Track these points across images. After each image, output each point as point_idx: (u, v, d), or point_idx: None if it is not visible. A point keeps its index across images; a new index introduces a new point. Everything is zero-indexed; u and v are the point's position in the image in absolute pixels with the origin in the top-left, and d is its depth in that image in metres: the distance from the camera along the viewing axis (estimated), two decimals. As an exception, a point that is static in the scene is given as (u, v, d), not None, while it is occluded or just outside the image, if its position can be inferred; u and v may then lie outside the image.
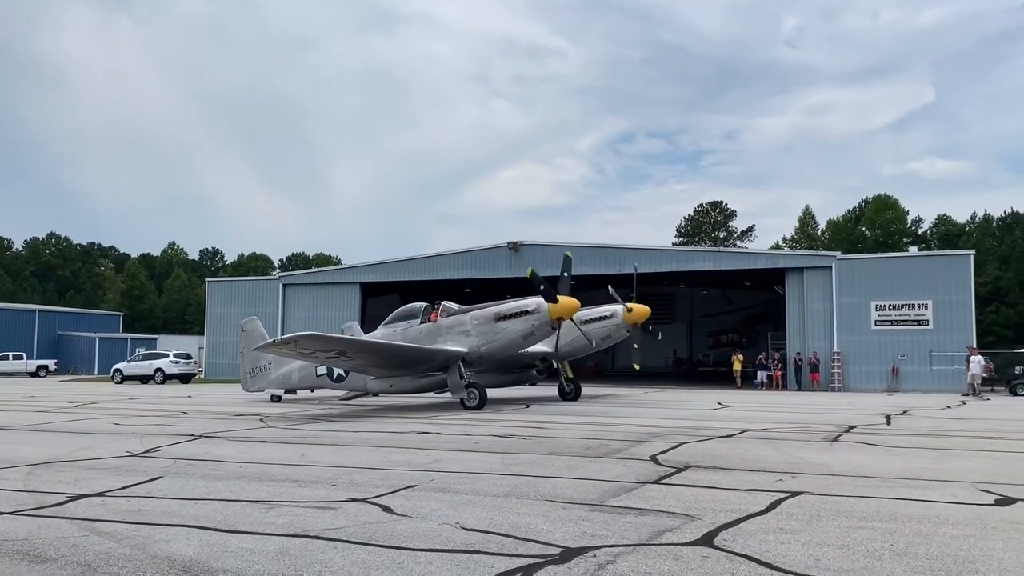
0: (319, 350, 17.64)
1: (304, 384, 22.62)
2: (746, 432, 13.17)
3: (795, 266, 37.60)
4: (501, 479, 7.84)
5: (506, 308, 19.12)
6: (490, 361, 20.11)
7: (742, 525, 5.65)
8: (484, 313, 19.28)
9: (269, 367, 23.35)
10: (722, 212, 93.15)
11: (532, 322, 18.86)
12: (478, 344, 19.01)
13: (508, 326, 18.93)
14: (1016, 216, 77.90)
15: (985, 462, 9.41)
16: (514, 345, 19.36)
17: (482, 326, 19.08)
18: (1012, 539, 5.19)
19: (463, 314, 19.54)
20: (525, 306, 18.98)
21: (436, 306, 20.15)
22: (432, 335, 19.50)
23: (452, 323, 19.43)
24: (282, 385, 23.06)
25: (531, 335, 19.11)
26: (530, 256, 41.85)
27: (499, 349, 19.23)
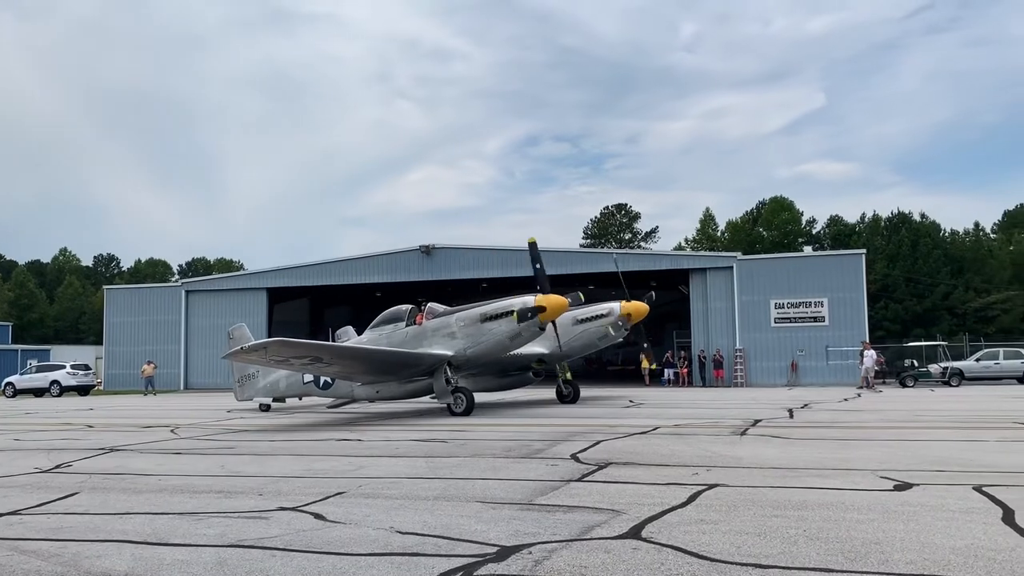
0: (292, 357, 16.82)
1: (292, 392, 22.02)
2: (659, 428, 13.63)
3: (698, 267, 38.88)
4: (429, 483, 7.94)
5: (491, 309, 18.37)
6: (478, 364, 19.40)
7: (666, 517, 5.92)
8: (470, 314, 18.53)
9: (257, 375, 22.66)
10: (627, 214, 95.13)
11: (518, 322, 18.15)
12: (464, 347, 18.30)
13: (494, 327, 18.15)
14: (902, 216, 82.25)
15: (882, 451, 10.04)
16: (501, 347, 18.62)
17: (468, 328, 18.36)
18: (912, 521, 5.61)
19: (449, 316, 18.83)
20: (510, 306, 18.19)
21: (422, 308, 19.48)
22: (417, 338, 18.80)
23: (438, 325, 18.73)
24: (270, 393, 22.38)
25: (518, 336, 18.29)
26: (443, 259, 41.96)
27: (486, 351, 18.51)
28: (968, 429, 12.94)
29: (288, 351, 16.25)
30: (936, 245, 69.45)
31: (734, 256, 40.75)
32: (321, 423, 17.12)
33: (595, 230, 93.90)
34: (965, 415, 16.19)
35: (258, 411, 21.93)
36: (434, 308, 19.22)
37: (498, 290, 52.64)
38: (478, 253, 43.07)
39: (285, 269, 46.41)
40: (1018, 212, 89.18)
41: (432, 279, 43.31)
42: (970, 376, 33.64)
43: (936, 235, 74.04)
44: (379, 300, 54.86)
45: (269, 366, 18.95)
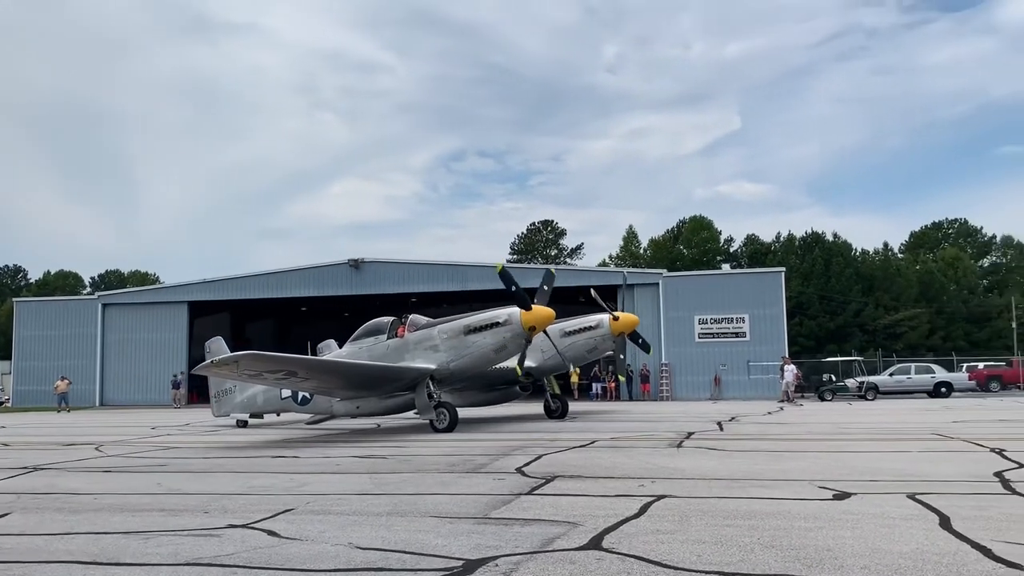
0: (266, 371, 16.03)
1: (269, 407, 21.24)
2: (596, 441, 13.81)
3: (626, 283, 39.43)
4: (378, 499, 7.88)
5: (475, 320, 17.74)
6: (462, 378, 18.73)
7: (622, 528, 6.02)
8: (453, 326, 17.87)
9: (234, 391, 21.77)
10: (553, 230, 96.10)
11: (503, 334, 17.40)
12: (447, 360, 17.61)
13: (478, 339, 17.51)
14: (816, 236, 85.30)
15: (815, 462, 10.39)
16: (486, 360, 17.95)
17: (451, 340, 17.69)
18: (857, 528, 5.85)
19: (432, 328, 18.15)
20: (495, 317, 17.53)
21: (403, 320, 18.79)
22: (399, 351, 18.14)
23: (420, 338, 18.07)
24: (247, 409, 21.49)
25: (503, 348, 17.61)
26: (371, 273, 41.62)
27: (470, 365, 17.83)
28: (891, 440, 13.49)
29: (261, 365, 15.55)
30: (848, 264, 72.21)
31: (660, 273, 41.62)
32: (256, 442, 16.76)
33: (522, 246, 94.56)
34: (886, 427, 16.86)
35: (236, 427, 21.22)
36: (416, 320, 18.59)
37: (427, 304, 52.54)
38: (407, 267, 42.92)
39: (207, 282, 45.32)
40: (923, 233, 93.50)
41: (360, 293, 42.92)
42: (884, 390, 35.03)
43: (848, 254, 76.96)
44: (305, 315, 54.20)
45: (242, 380, 18.11)
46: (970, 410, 23.64)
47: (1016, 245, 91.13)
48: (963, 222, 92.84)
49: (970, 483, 8.09)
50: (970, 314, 73.34)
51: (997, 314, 72.00)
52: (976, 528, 5.68)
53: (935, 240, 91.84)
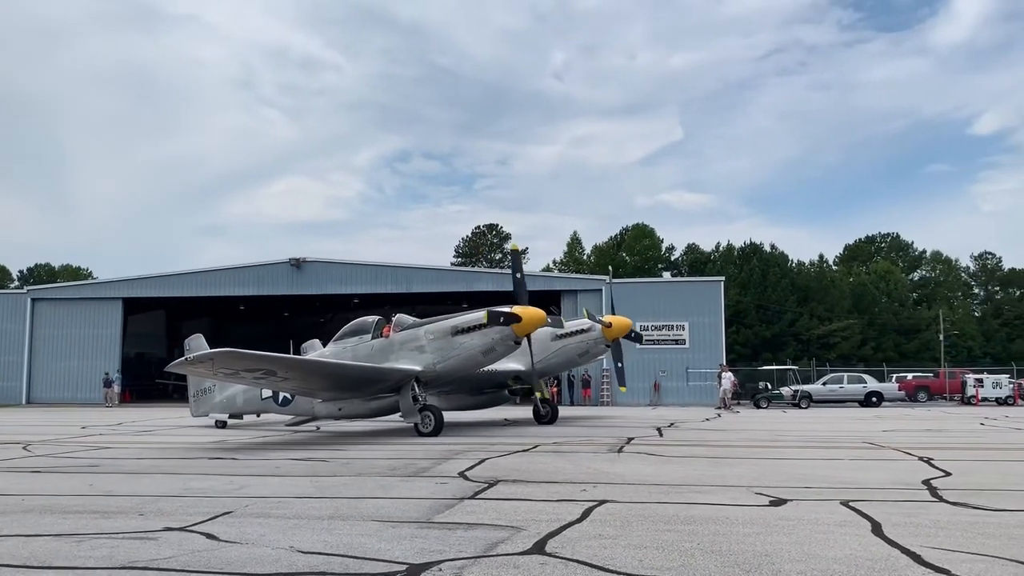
0: (243, 369, 15.34)
1: (249, 408, 20.55)
2: (539, 446, 13.88)
3: (570, 288, 39.85)
4: (319, 502, 7.79)
5: (463, 321, 17.15)
6: (449, 381, 18.15)
7: (565, 533, 6.07)
8: (440, 327, 17.32)
9: (213, 390, 21.03)
10: (498, 234, 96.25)
11: (492, 336, 16.78)
12: (434, 361, 17.03)
13: (466, 341, 16.92)
14: (754, 247, 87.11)
15: (752, 468, 10.60)
16: (473, 362, 17.32)
17: (438, 341, 17.11)
18: (793, 533, 5.99)
19: (418, 328, 17.60)
20: (482, 318, 16.94)
21: (389, 319, 18.21)
22: (384, 352, 17.53)
23: (406, 338, 17.50)
24: (226, 409, 20.76)
25: (491, 351, 17.01)
26: (313, 273, 41.13)
27: (457, 367, 17.25)
28: (825, 448, 13.84)
29: (238, 363, 14.90)
30: (784, 275, 73.88)
31: (603, 279, 41.99)
32: (193, 444, 16.42)
33: (466, 249, 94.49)
34: (820, 435, 17.28)
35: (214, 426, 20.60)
36: (402, 320, 18.07)
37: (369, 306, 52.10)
38: (350, 268, 42.54)
39: (143, 279, 44.22)
40: (857, 247, 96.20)
41: (301, 293, 42.42)
42: (818, 399, 35.92)
43: (784, 265, 78.74)
44: (243, 314, 53.33)
45: (218, 379, 17.45)
46: (899, 419, 24.39)
47: (944, 260, 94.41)
48: (895, 237, 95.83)
49: (900, 490, 8.35)
50: (900, 326, 75.66)
51: (926, 326, 74.40)
52: (906, 534, 5.87)
53: (868, 253, 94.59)
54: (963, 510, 7.05)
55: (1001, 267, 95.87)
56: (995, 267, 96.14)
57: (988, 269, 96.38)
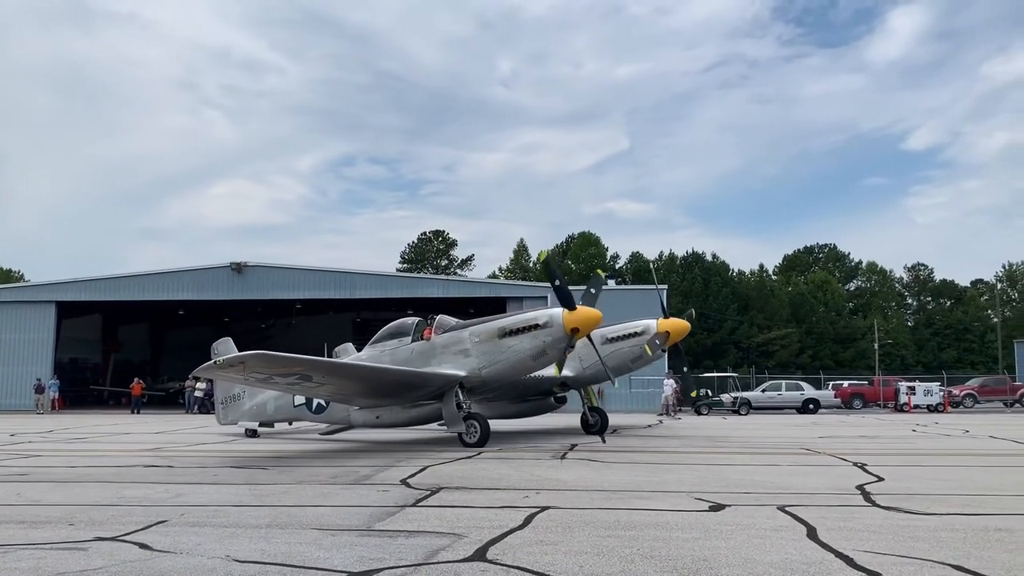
0: (276, 374, 14.22)
1: (281, 416, 19.49)
2: (483, 453, 13.86)
3: (515, 295, 39.87)
4: (258, 510, 7.66)
5: (512, 322, 16.04)
6: (495, 387, 17.02)
7: (507, 539, 6.06)
8: (486, 328, 16.15)
9: (242, 397, 19.96)
10: (444, 241, 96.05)
11: (543, 338, 15.58)
12: (479, 366, 15.89)
13: (515, 343, 15.73)
14: (696, 256, 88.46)
15: (692, 474, 10.74)
16: (522, 367, 16.20)
17: (483, 344, 15.95)
18: (731, 538, 6.08)
19: (462, 330, 16.45)
20: (535, 319, 15.81)
21: (430, 321, 17.06)
22: (425, 356, 16.41)
23: (448, 341, 16.35)
24: (256, 417, 19.65)
25: (543, 355, 15.83)
26: (254, 278, 40.48)
27: (505, 372, 16.10)
28: (763, 454, 14.08)
29: (271, 367, 13.79)
30: (725, 284, 75.26)
31: (548, 286, 42.10)
32: (128, 451, 16.00)
33: (412, 255, 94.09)
34: (759, 441, 17.58)
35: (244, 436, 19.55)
36: (445, 321, 16.94)
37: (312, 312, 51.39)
38: (292, 273, 41.97)
39: (77, 282, 42.97)
40: (795, 257, 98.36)
41: (242, 298, 41.69)
42: (757, 406, 36.59)
43: (725, 275, 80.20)
44: (182, 319, 52.21)
45: (248, 384, 16.33)
46: (835, 426, 24.96)
47: (879, 271, 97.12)
48: (832, 247, 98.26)
49: (835, 495, 8.54)
50: (837, 335, 77.61)
51: (861, 335, 76.46)
52: (840, 538, 6.00)
53: (806, 264, 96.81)
54: (894, 514, 7.24)
55: (933, 278, 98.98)
56: (927, 278, 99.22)
57: (921, 280, 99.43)
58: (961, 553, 5.46)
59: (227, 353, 18.79)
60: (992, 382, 47.94)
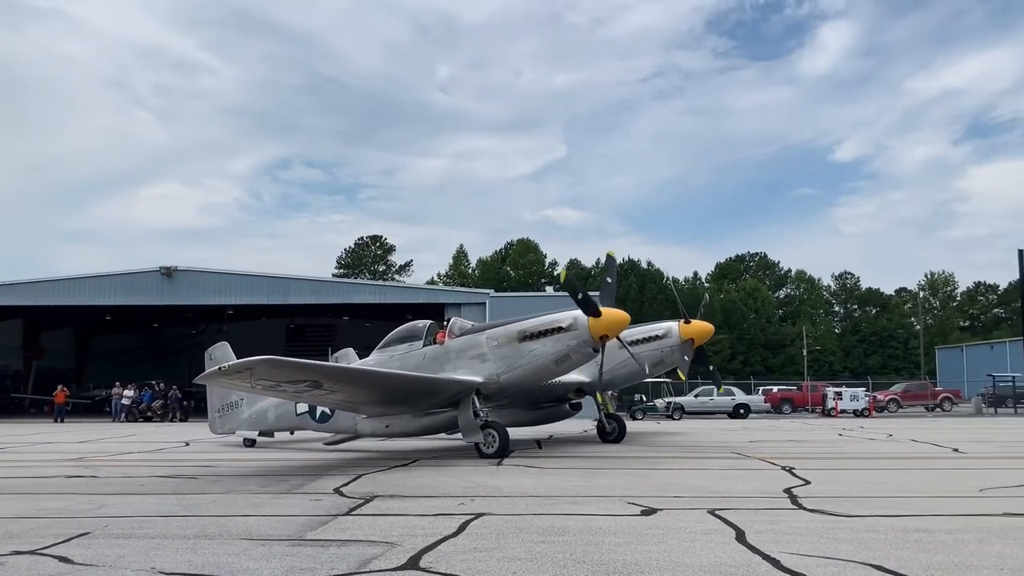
0: (285, 381, 13.36)
1: (282, 425, 18.58)
2: (419, 460, 13.79)
3: (453, 302, 39.77)
4: (185, 521, 7.48)
5: (533, 325, 15.19)
6: (513, 393, 16.15)
7: (440, 547, 6.04)
8: (505, 332, 15.36)
9: (240, 404, 19.04)
10: (382, 246, 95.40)
11: (567, 342, 14.82)
12: (497, 371, 15.06)
13: (536, 348, 14.95)
14: (631, 263, 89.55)
15: (626, 479, 10.86)
16: (544, 372, 15.42)
17: (502, 348, 15.12)
18: (663, 542, 6.17)
19: (478, 334, 15.63)
20: (558, 321, 15.00)
21: (444, 324, 16.29)
22: (439, 361, 15.55)
23: (464, 345, 15.51)
24: (256, 426, 18.73)
25: (566, 359, 15.09)
26: (185, 283, 39.55)
27: (525, 377, 15.27)
28: (696, 459, 14.33)
29: (280, 373, 13.01)
30: (660, 291, 76.40)
31: (487, 293, 42.21)
32: (47, 460, 15.44)
33: (349, 260, 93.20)
34: (691, 446, 17.86)
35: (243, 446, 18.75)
36: (459, 324, 16.23)
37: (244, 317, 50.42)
38: (224, 277, 41.14)
39: (-2, 285, 41.39)
40: (728, 265, 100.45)
41: (172, 303, 40.72)
42: (690, 410, 37.26)
43: (660, 282, 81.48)
44: (110, 324, 50.76)
45: (255, 392, 15.49)
46: (765, 430, 25.52)
47: (808, 279, 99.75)
48: (763, 256, 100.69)
49: (764, 499, 8.72)
50: (767, 341, 79.41)
51: (790, 342, 78.38)
52: (767, 541, 6.13)
53: (738, 271, 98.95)
54: (820, 516, 7.43)
55: (859, 286, 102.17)
56: (854, 286, 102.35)
57: (847, 288, 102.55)
58: (882, 554, 5.63)
59: (224, 358, 18.21)
60: (915, 387, 49.67)
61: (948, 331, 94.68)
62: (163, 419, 37.33)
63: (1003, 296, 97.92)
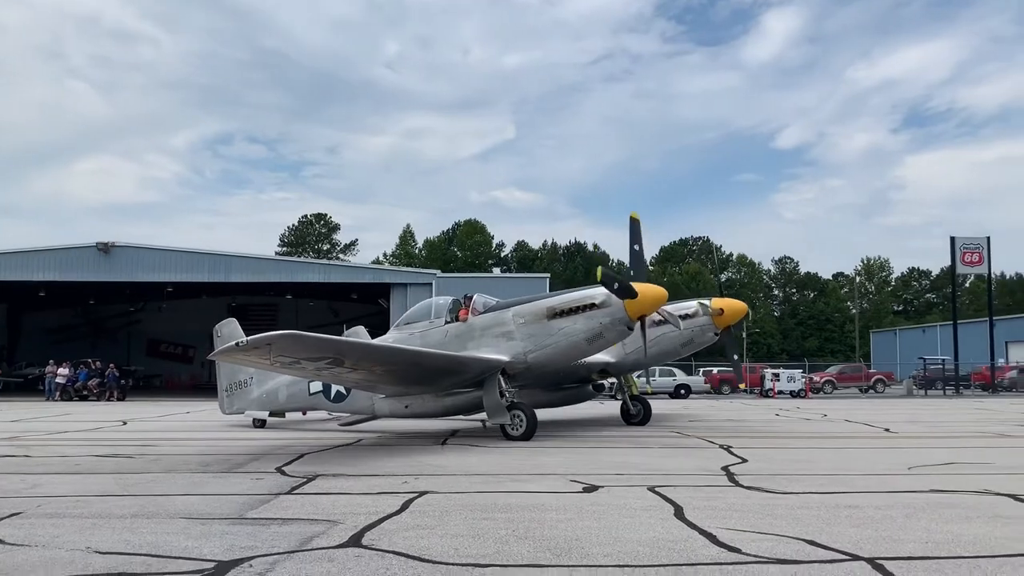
0: (305, 357, 12.49)
1: (294, 404, 17.77)
2: (363, 440, 13.78)
3: (399, 282, 39.59)
4: (123, 500, 7.35)
5: (563, 301, 14.44)
6: (540, 373, 15.49)
7: (383, 525, 6.05)
8: (532, 308, 14.60)
9: (250, 383, 18.14)
10: (326, 225, 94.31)
11: (600, 320, 14.01)
12: (525, 350, 14.34)
13: (567, 326, 14.20)
14: (578, 245, 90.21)
15: (568, 457, 10.99)
16: (575, 351, 14.64)
17: (530, 326, 14.39)
18: (603, 518, 6.28)
19: (503, 310, 14.86)
20: (590, 298, 14.21)
21: (466, 301, 15.51)
22: (462, 339, 14.86)
23: (488, 322, 14.78)
24: (266, 406, 18.02)
25: (599, 338, 14.28)
26: (123, 259, 38.58)
27: (554, 357, 14.57)
28: (636, 437, 14.54)
29: (301, 349, 12.15)
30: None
31: (433, 273, 42.07)
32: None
33: (292, 238, 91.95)
34: (633, 426, 18.07)
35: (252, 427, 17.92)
36: (484, 301, 15.43)
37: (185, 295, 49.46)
38: (163, 254, 40.23)
39: (-78, 260, 39.83)
40: (672, 248, 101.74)
41: (110, 280, 39.72)
42: (632, 391, 37.64)
43: (606, 264, 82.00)
44: (44, 301, 49.25)
45: (270, 369, 14.58)
46: (705, 410, 26.04)
47: (749, 263, 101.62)
48: (705, 240, 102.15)
49: (702, 476, 8.92)
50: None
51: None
52: (705, 517, 6.29)
53: (681, 255, 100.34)
54: (756, 493, 7.63)
55: (798, 271, 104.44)
56: (793, 270, 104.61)
57: (787, 272, 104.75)
58: (814, 529, 5.82)
59: (233, 335, 17.68)
60: (849, 369, 51.09)
61: (882, 315, 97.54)
62: (100, 398, 36.48)
63: (935, 282, 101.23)
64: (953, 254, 48.59)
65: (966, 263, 49.36)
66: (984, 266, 49.63)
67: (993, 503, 7.01)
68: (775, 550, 5.17)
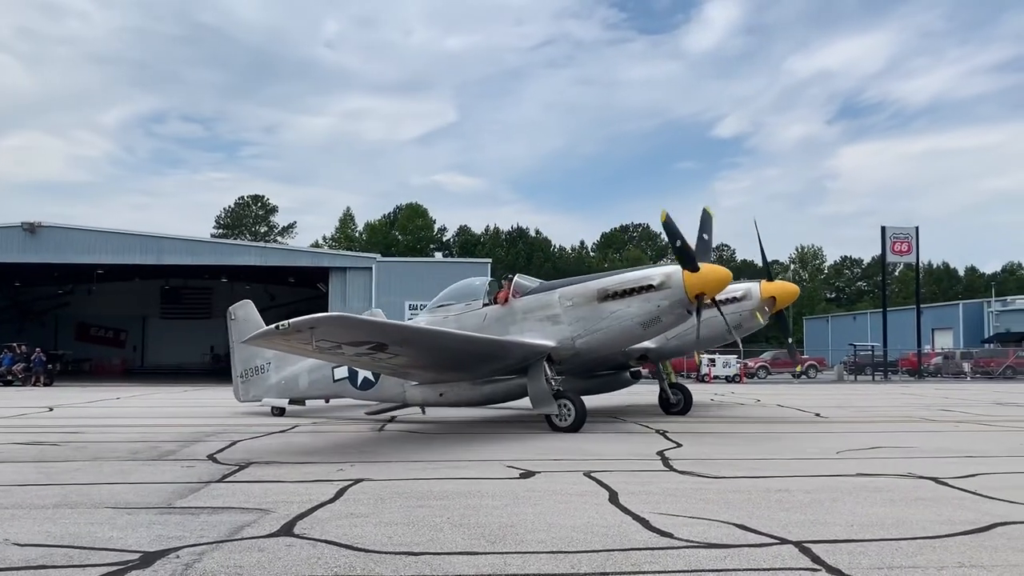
0: (347, 342, 11.43)
1: (316, 392, 16.66)
2: (298, 427, 13.57)
3: (338, 265, 39.13)
4: (44, 489, 7.11)
5: (616, 282, 13.36)
6: (588, 360, 14.54)
7: (316, 513, 5.97)
8: (582, 290, 13.52)
9: (267, 369, 17.09)
10: (264, 206, 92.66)
11: (658, 302, 12.88)
12: (573, 335, 13.33)
13: (620, 309, 13.11)
14: (520, 231, 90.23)
15: (507, 444, 10.99)
16: (627, 337, 13.59)
17: (578, 309, 13.36)
18: (538, 504, 6.29)
19: (549, 292, 13.85)
20: (647, 279, 13.09)
21: (505, 282, 14.49)
22: (502, 322, 13.85)
23: (532, 305, 13.76)
24: (285, 393, 16.73)
25: (655, 322, 13.19)
26: (50, 240, 37.34)
27: (605, 342, 13.53)
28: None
29: (346, 333, 11.18)
30: (547, 259, 77.46)
31: (373, 257, 41.66)
32: None
33: (228, 220, 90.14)
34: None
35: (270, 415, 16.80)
36: (524, 282, 14.48)
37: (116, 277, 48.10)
38: (93, 235, 39.04)
39: None
40: (612, 235, 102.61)
41: (36, 262, 38.38)
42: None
43: (548, 250, 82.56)
44: (-36, 283, 47.42)
45: (307, 354, 13.30)
46: (644, 395, 26.35)
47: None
48: (645, 227, 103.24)
49: (638, 461, 9.02)
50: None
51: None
52: (639, 502, 6.35)
53: (622, 241, 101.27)
54: (689, 478, 7.75)
55: (735, 259, 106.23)
56: (730, 258, 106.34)
57: (723, 260, 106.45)
58: (745, 513, 5.92)
59: (248, 317, 16.89)
60: (783, 355, 52.23)
61: (815, 302, 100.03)
62: (25, 383, 35.30)
63: (866, 270, 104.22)
64: (884, 243, 50.01)
65: (896, 252, 50.87)
66: (913, 255, 51.21)
67: (916, 486, 7.24)
68: (707, 534, 5.25)
